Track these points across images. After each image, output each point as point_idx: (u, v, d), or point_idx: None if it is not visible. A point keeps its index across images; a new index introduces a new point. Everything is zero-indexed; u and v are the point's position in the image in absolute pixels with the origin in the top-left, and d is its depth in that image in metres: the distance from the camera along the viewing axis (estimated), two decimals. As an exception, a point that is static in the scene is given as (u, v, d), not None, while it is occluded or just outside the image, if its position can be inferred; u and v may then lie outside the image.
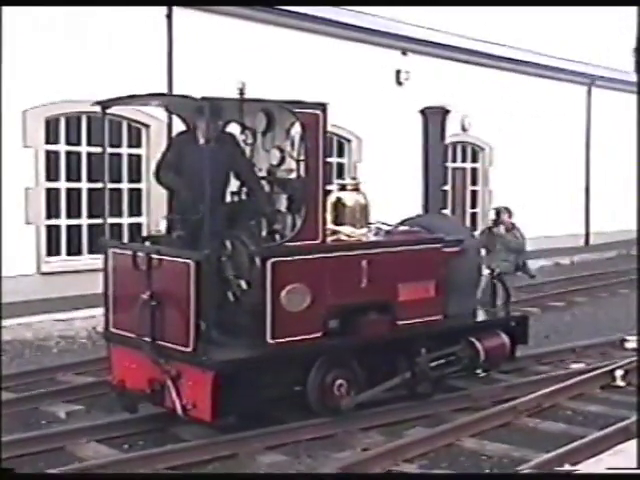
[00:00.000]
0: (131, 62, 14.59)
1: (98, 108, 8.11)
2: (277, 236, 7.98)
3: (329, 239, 7.83)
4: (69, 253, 14.72)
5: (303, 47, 17.73)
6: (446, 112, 9.37)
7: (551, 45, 23.53)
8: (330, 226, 8.02)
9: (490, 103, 21.74)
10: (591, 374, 9.56)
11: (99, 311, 8.47)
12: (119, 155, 15.20)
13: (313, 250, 7.54)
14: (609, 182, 26.24)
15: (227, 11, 16.28)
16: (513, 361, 9.62)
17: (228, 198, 8.10)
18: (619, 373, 9.51)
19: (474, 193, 22.83)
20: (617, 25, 24.32)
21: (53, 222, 14.49)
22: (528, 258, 11.52)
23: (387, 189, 16.59)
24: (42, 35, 13.80)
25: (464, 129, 21.53)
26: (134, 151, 15.49)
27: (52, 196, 14.46)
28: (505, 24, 21.88)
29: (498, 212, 11.36)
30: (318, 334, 7.63)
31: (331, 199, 8.28)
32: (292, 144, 8.43)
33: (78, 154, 14.70)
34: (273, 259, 7.29)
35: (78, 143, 14.68)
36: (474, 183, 22.94)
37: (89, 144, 14.62)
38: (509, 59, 22.68)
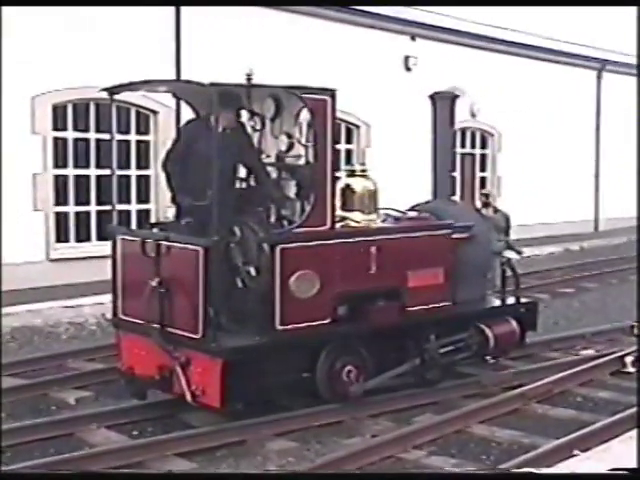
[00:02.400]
0: (139, 48, 14.55)
1: (106, 94, 8.09)
2: (286, 222, 7.97)
3: (338, 225, 7.80)
4: (78, 240, 14.73)
5: (311, 32, 17.65)
6: (455, 97, 9.32)
7: (561, 30, 23.38)
8: (339, 212, 7.99)
9: (499, 88, 21.63)
10: (601, 360, 9.54)
11: (108, 298, 8.48)
12: (127, 142, 15.19)
13: (322, 236, 7.52)
14: (619, 168, 26.11)
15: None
16: (522, 347, 9.59)
17: (237, 184, 8.07)
18: (629, 359, 9.49)
19: (483, 179, 22.76)
20: (627, 9, 24.12)
21: (61, 209, 14.49)
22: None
23: (396, 175, 16.53)
24: (50, 21, 13.77)
25: (473, 115, 21.44)
26: (142, 138, 15.47)
27: (60, 183, 14.46)
28: (514, 8, 21.72)
29: (487, 195, 11.67)
30: (327, 321, 7.61)
31: (340, 185, 8.25)
32: (300, 130, 8.39)
33: (86, 141, 14.70)
34: (282, 245, 7.27)
35: (86, 130, 14.67)
36: (483, 169, 22.87)
37: (97, 131, 14.61)
38: (518, 44, 22.55)
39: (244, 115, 8.00)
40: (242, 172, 8.10)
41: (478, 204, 11.57)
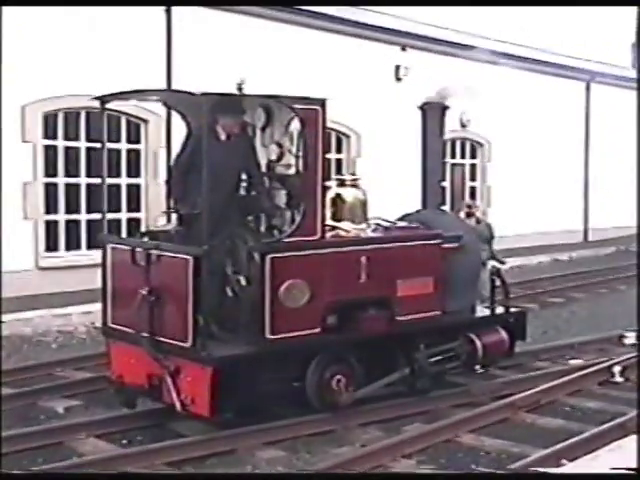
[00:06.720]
0: (130, 57, 14.57)
1: (97, 103, 8.11)
2: (276, 232, 7.98)
3: (328, 235, 7.82)
4: (67, 248, 14.71)
5: (302, 43, 17.71)
6: (445, 108, 9.36)
7: (550, 41, 23.51)
8: (329, 222, 8.01)
9: (489, 99, 21.70)
10: (589, 370, 9.57)
11: (97, 306, 8.48)
12: (118, 150, 15.19)
13: (312, 246, 7.53)
14: (607, 178, 26.23)
15: (226, 6, 16.24)
16: (511, 357, 9.61)
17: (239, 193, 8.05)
18: (617, 369, 9.53)
19: (472, 189, 22.83)
20: (616, 21, 24.30)
21: (51, 217, 14.48)
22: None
23: (386, 185, 16.58)
24: (41, 29, 13.78)
25: (463, 125, 21.52)
26: (133, 146, 15.47)
27: (50, 191, 14.45)
28: (504, 20, 21.86)
29: (469, 206, 11.82)
30: (317, 330, 7.62)
31: (330, 195, 8.27)
32: (291, 139, 8.42)
33: (77, 149, 14.69)
34: (272, 255, 7.29)
35: (77, 138, 14.66)
36: (473, 179, 22.95)
37: (88, 139, 14.60)
38: (508, 55, 22.59)
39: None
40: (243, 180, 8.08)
41: (462, 215, 11.63)
